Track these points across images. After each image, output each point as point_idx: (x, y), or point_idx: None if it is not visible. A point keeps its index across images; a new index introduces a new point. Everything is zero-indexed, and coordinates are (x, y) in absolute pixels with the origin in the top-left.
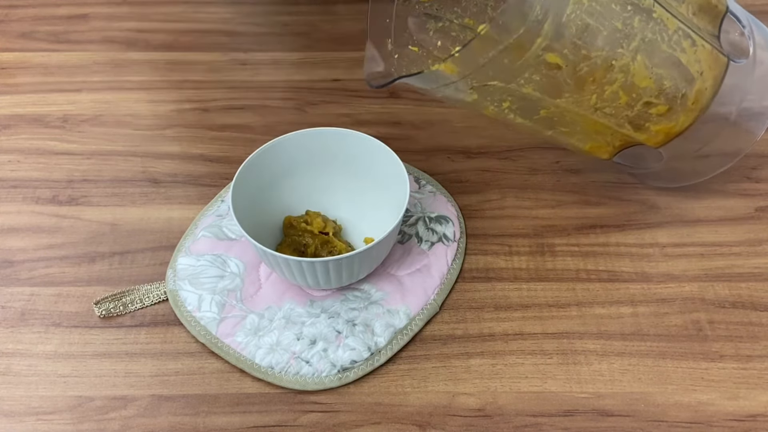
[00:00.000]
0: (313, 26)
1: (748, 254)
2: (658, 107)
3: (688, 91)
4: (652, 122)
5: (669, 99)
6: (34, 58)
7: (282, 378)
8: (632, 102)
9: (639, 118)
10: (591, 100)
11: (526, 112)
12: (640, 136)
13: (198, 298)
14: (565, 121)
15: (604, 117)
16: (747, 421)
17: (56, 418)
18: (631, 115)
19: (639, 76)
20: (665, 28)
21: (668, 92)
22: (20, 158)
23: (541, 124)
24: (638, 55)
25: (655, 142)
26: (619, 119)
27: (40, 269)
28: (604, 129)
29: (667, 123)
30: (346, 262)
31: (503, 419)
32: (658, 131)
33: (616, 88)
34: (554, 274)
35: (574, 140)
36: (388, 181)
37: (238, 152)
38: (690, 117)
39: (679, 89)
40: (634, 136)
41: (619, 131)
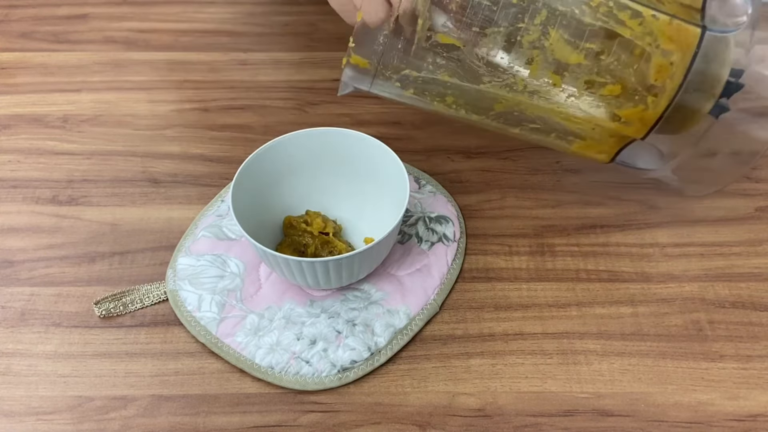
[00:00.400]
0: (314, 26)
1: (748, 254)
2: (608, 87)
3: (643, 67)
4: (614, 106)
5: (618, 76)
6: (34, 58)
7: (282, 378)
8: (569, 81)
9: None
10: (518, 83)
11: (477, 107)
12: (612, 125)
13: (198, 298)
14: (527, 115)
15: (548, 102)
16: (747, 421)
17: (56, 418)
18: (578, 98)
19: (560, 51)
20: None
21: (612, 68)
22: (20, 158)
23: (503, 121)
24: (551, 29)
25: (635, 131)
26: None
27: (40, 269)
28: (578, 123)
29: (633, 106)
30: (346, 262)
31: (503, 419)
32: (629, 117)
33: (538, 68)
34: (554, 274)
35: (553, 138)
36: (388, 181)
37: (238, 152)
38: (663, 97)
39: (628, 64)
40: (606, 125)
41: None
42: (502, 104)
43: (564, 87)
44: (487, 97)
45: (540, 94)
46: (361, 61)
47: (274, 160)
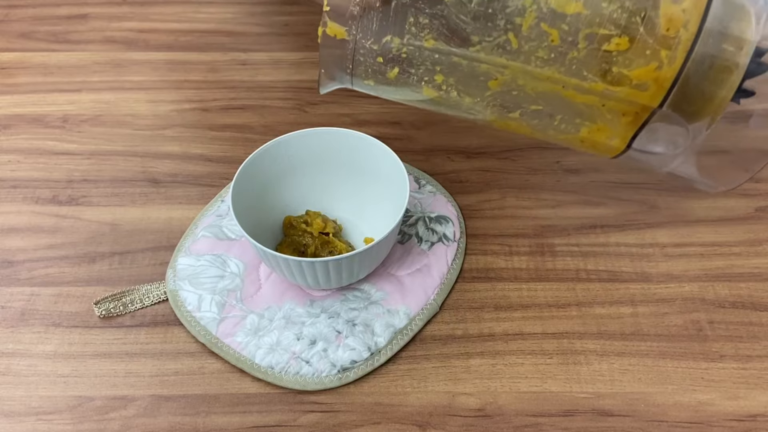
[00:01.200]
0: (313, 26)
1: (748, 254)
2: (615, 40)
3: (652, 15)
4: (621, 65)
5: (624, 26)
6: (34, 58)
7: (282, 378)
8: (569, 37)
9: (602, 62)
10: (512, 42)
11: (470, 87)
12: (624, 90)
13: (198, 298)
14: (528, 93)
15: (548, 65)
16: (747, 421)
17: (56, 418)
18: (582, 58)
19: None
20: None
21: (616, 17)
22: (20, 158)
23: (500, 102)
24: None
25: (649, 96)
26: (571, 66)
27: (40, 269)
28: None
29: (644, 62)
30: (346, 262)
31: (503, 419)
32: (640, 78)
33: (533, 21)
34: (554, 274)
35: (558, 122)
36: (388, 182)
37: (238, 152)
38: (678, 51)
39: (634, 12)
40: (616, 93)
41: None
42: (497, 81)
43: (563, 44)
44: (480, 72)
45: (538, 56)
46: (339, 31)
47: (274, 160)
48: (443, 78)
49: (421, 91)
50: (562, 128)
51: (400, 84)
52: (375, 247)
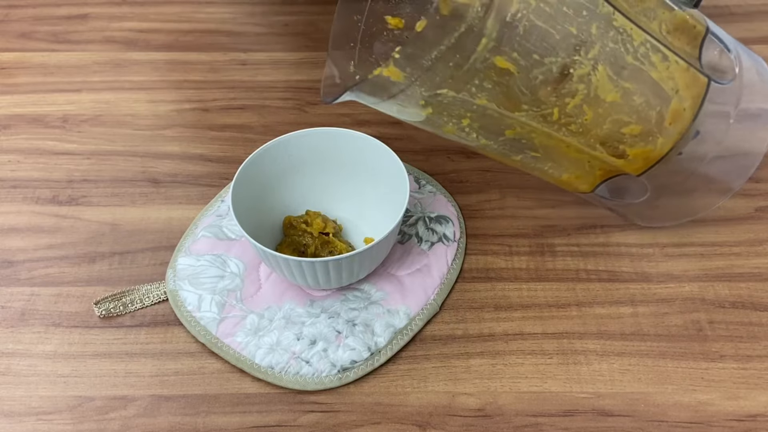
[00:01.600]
0: (313, 26)
1: (748, 254)
2: (631, 126)
3: (663, 110)
4: (627, 144)
5: (641, 117)
6: (34, 58)
7: (282, 378)
8: (599, 119)
9: (611, 139)
10: (553, 115)
11: (489, 132)
12: (617, 161)
13: (198, 298)
14: (535, 144)
15: (572, 135)
16: (747, 421)
17: (56, 418)
18: (601, 134)
19: (603, 89)
20: (629, 39)
21: (640, 110)
22: (20, 158)
23: (508, 147)
24: (599, 65)
25: (634, 168)
26: (589, 138)
27: (40, 269)
28: (580, 155)
29: (644, 146)
30: (346, 262)
31: (503, 419)
32: (635, 155)
33: (578, 101)
34: (554, 274)
35: (547, 168)
36: (388, 181)
37: (238, 152)
38: (669, 140)
39: (653, 106)
40: (611, 161)
41: (594, 155)
42: (514, 131)
43: (592, 123)
44: (504, 123)
45: (569, 128)
46: (396, 73)
47: (274, 160)
48: (469, 122)
49: (441, 129)
50: (549, 171)
51: (424, 120)
52: (375, 247)
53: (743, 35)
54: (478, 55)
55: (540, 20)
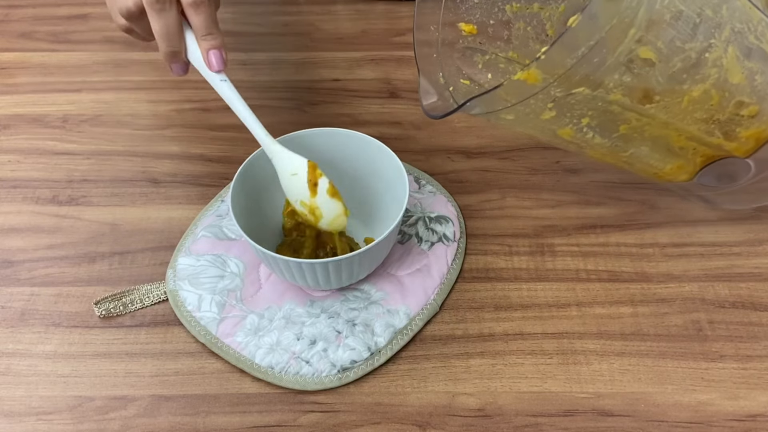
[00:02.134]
0: (313, 26)
1: (748, 254)
2: (750, 107)
3: None
4: (743, 126)
5: (760, 96)
6: (34, 58)
7: (282, 378)
8: (724, 102)
9: (730, 122)
10: (682, 103)
11: (605, 129)
12: (729, 144)
13: (198, 298)
14: (645, 137)
15: (694, 123)
16: (747, 421)
17: (56, 418)
18: (722, 119)
19: (732, 71)
20: (750, 18)
21: (759, 89)
22: (20, 158)
23: (620, 142)
24: (729, 46)
25: (744, 150)
26: (710, 125)
27: (40, 269)
28: (687, 143)
29: (758, 126)
30: (346, 262)
31: (503, 419)
32: (748, 137)
33: (708, 86)
34: (554, 274)
35: (654, 160)
36: (388, 181)
37: (238, 152)
38: None
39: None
40: (724, 145)
41: (708, 140)
42: (629, 125)
43: (717, 107)
44: (621, 118)
45: (693, 115)
46: (534, 76)
47: None
48: (588, 120)
49: (557, 131)
50: (654, 164)
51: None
52: (375, 248)
53: None
54: (624, 47)
55: (683, 5)
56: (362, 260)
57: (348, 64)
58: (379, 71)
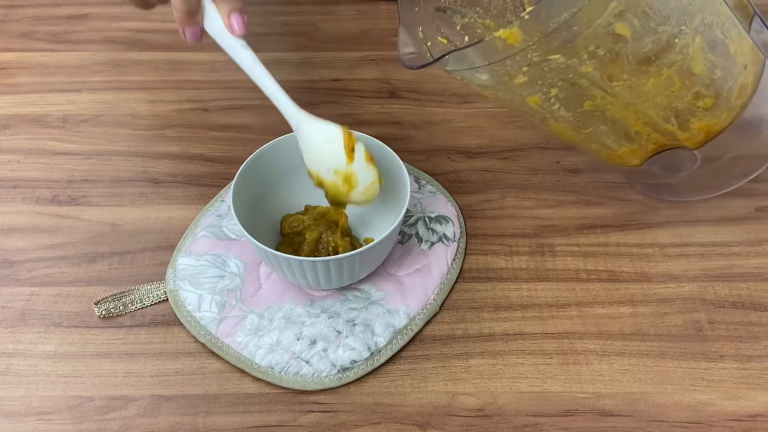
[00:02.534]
0: (314, 26)
1: (748, 254)
2: (706, 99)
3: (733, 84)
4: (697, 117)
5: (717, 91)
6: (34, 58)
7: (282, 378)
8: (684, 91)
9: (686, 112)
10: (646, 85)
11: (571, 102)
12: (682, 134)
13: (198, 298)
14: (607, 116)
15: (654, 107)
16: (747, 421)
17: (56, 418)
18: (680, 107)
19: (696, 60)
20: (719, 12)
21: (718, 83)
22: (20, 158)
23: (583, 118)
24: (697, 36)
25: (694, 142)
26: (667, 111)
27: (40, 269)
28: (643, 129)
29: (710, 119)
30: (347, 261)
31: (503, 419)
32: (699, 129)
33: (672, 72)
34: (554, 274)
35: (610, 141)
36: (388, 181)
37: (238, 152)
38: (731, 114)
39: (727, 80)
40: (677, 134)
41: (663, 127)
42: (594, 103)
43: (677, 95)
44: (588, 94)
45: (654, 99)
46: (515, 36)
47: (274, 160)
48: (557, 91)
49: (525, 97)
50: (609, 145)
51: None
52: (375, 247)
53: None
54: (603, 19)
55: None
56: (363, 259)
57: (348, 64)
58: (379, 71)
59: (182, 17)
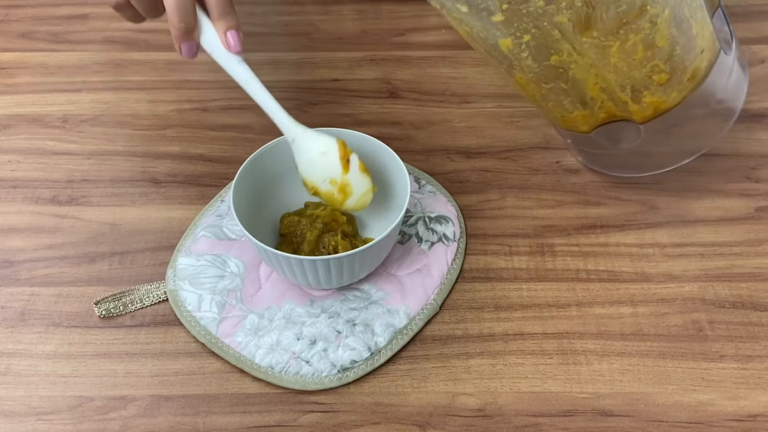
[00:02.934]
0: (313, 26)
1: (748, 254)
2: (662, 75)
3: (689, 65)
4: (650, 91)
5: (673, 68)
6: (34, 58)
7: (282, 378)
8: (645, 61)
9: (641, 84)
10: (612, 47)
11: (539, 53)
12: (633, 106)
13: (198, 298)
14: (569, 75)
15: (614, 72)
16: (747, 421)
17: (56, 418)
18: (637, 77)
19: (661, 32)
20: None
21: (675, 60)
22: (20, 158)
23: (546, 73)
24: (667, 9)
25: (642, 116)
26: (625, 79)
27: (40, 269)
28: (599, 95)
29: (662, 96)
30: (347, 260)
31: (503, 419)
32: (650, 104)
33: (637, 41)
34: (554, 274)
35: (566, 102)
36: (388, 181)
37: (238, 152)
38: (680, 95)
39: (684, 60)
40: (629, 104)
41: (618, 95)
42: (560, 58)
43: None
44: (556, 47)
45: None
46: None
47: (274, 160)
48: (529, 39)
49: (498, 38)
50: (565, 105)
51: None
52: (375, 247)
53: (743, 35)
54: None
55: None
56: (363, 258)
57: (348, 64)
58: (379, 71)
59: (179, 34)
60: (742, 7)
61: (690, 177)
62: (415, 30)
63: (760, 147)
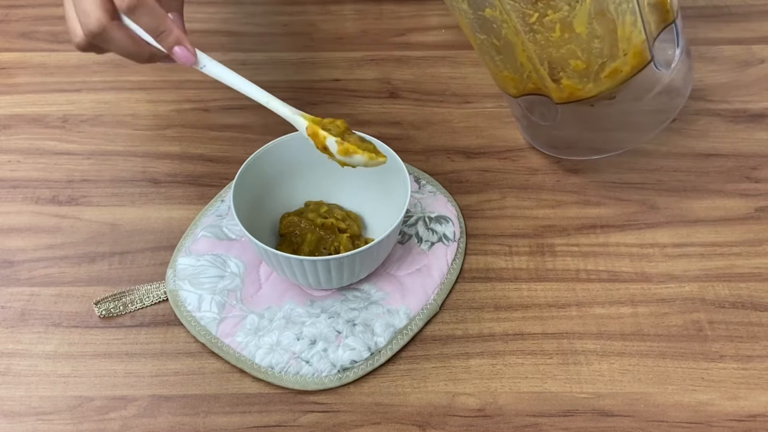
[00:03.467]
0: (313, 26)
1: (748, 254)
2: (578, 61)
3: (607, 63)
4: (566, 74)
5: (589, 59)
6: (34, 58)
7: (282, 378)
8: (562, 42)
9: (558, 64)
10: (532, 17)
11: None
12: (551, 84)
13: (198, 298)
14: (500, 34)
15: (533, 43)
16: (747, 421)
17: (56, 418)
18: (554, 56)
19: (579, 19)
20: None
21: (593, 53)
22: (20, 158)
23: (479, 23)
24: None
25: (559, 97)
26: (542, 54)
27: (40, 269)
28: (526, 64)
29: (577, 83)
30: (347, 261)
31: (503, 419)
32: (566, 86)
33: (556, 18)
34: (554, 274)
35: (498, 60)
36: (388, 181)
37: (238, 152)
38: (596, 89)
39: (602, 56)
40: (546, 81)
41: (537, 69)
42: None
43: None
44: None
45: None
46: None
47: (274, 160)
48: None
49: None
50: (497, 62)
51: None
52: (376, 247)
53: (743, 35)
54: None
55: None
56: (363, 259)
57: (348, 64)
58: (379, 71)
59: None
60: (742, 7)
61: (690, 177)
62: (415, 30)
63: (760, 147)
